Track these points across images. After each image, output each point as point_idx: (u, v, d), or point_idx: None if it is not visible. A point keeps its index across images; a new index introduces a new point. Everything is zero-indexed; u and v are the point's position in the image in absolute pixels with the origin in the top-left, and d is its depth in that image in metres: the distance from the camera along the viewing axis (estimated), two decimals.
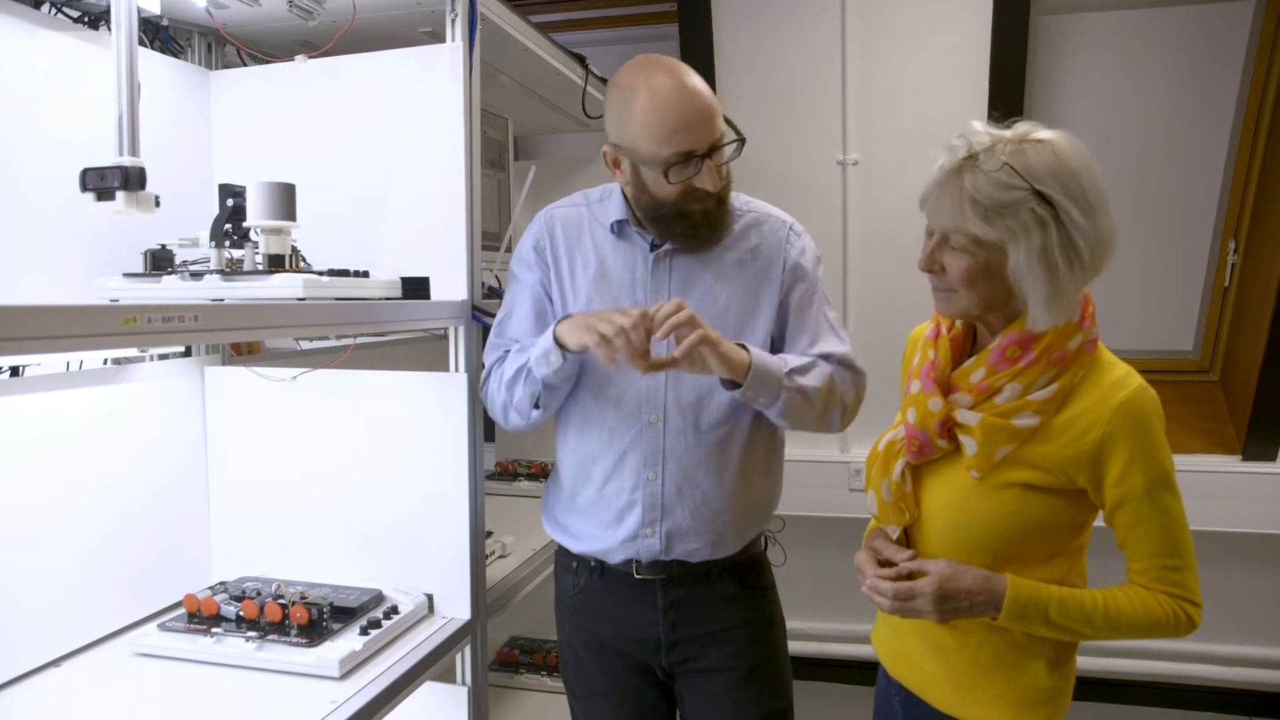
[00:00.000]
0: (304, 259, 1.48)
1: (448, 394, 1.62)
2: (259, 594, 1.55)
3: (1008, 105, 2.62)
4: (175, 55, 1.76)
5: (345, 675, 1.39)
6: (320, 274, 1.43)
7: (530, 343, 1.48)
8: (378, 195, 1.71)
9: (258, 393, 1.73)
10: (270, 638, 1.44)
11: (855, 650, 3.02)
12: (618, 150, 1.42)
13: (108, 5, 1.23)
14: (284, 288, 1.32)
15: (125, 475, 1.61)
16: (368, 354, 2.07)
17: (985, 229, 1.14)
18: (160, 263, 1.44)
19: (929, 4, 2.72)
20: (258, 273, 1.38)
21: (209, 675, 1.41)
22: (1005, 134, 1.17)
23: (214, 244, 1.41)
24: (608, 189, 1.55)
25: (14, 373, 1.46)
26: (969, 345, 1.31)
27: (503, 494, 2.63)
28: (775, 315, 1.50)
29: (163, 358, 1.76)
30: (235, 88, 1.79)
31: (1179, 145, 2.76)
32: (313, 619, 1.46)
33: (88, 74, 1.47)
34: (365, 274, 1.51)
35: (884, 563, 1.28)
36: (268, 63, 1.78)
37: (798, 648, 1.73)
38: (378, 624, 1.49)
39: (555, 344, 1.38)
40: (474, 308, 1.66)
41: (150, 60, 1.68)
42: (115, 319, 0.92)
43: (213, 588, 1.62)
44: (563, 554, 1.62)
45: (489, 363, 1.56)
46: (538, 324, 1.52)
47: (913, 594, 1.21)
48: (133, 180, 1.16)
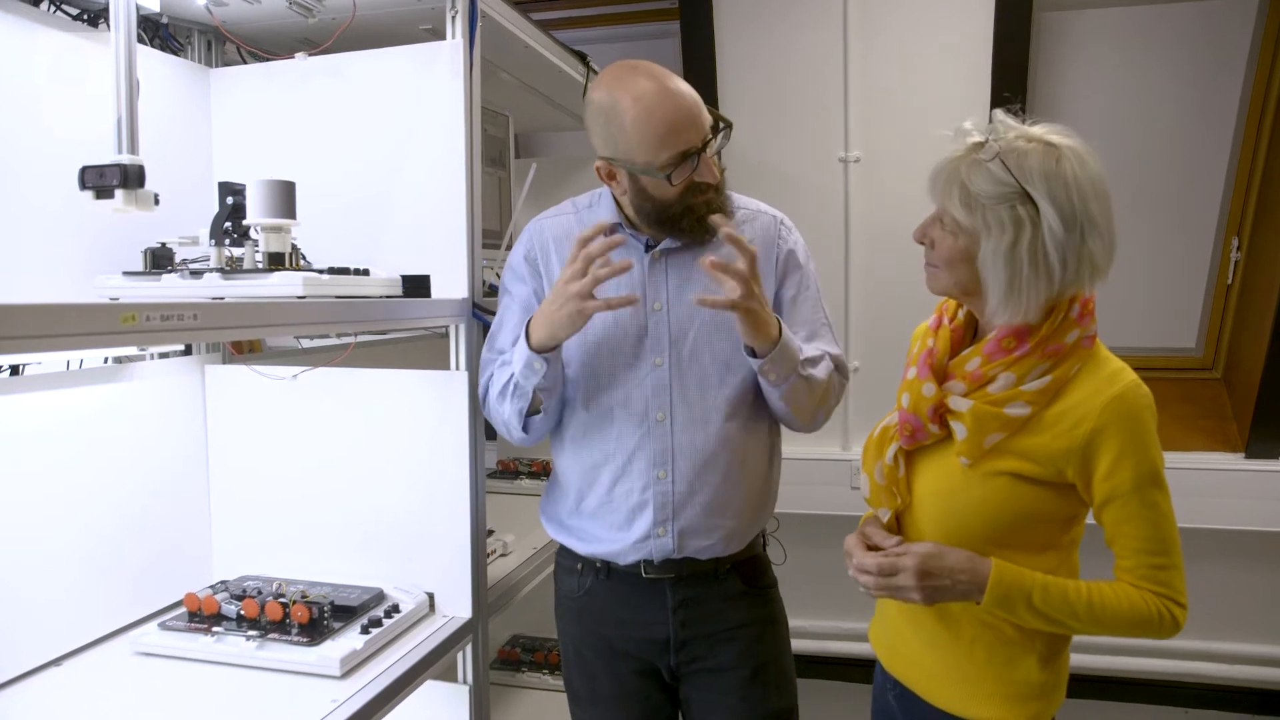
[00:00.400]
0: (304, 257, 1.48)
1: (448, 392, 1.62)
2: (260, 593, 1.55)
3: (1009, 102, 2.61)
4: (175, 53, 1.76)
5: (346, 674, 1.38)
6: (320, 272, 1.42)
7: (509, 355, 1.47)
8: (378, 193, 1.70)
9: (258, 391, 1.73)
10: (271, 637, 1.43)
11: (857, 648, 3.01)
12: (612, 164, 1.41)
13: (107, 3, 1.23)
14: (284, 286, 1.32)
15: (126, 474, 1.60)
16: (368, 352, 2.06)
17: (965, 215, 1.18)
18: (160, 261, 1.43)
19: (931, 1, 2.72)
20: (258, 271, 1.38)
21: (210, 674, 1.40)
22: (1025, 129, 1.19)
23: (214, 242, 1.41)
24: (595, 194, 1.54)
25: (14, 371, 1.46)
26: (969, 337, 1.32)
27: (504, 492, 2.62)
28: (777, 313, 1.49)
29: (163, 356, 1.76)
30: (235, 85, 1.79)
31: (1182, 142, 2.75)
32: (314, 618, 1.46)
33: (87, 72, 1.47)
34: (365, 272, 1.51)
35: (873, 548, 1.29)
36: (268, 60, 1.78)
37: (799, 646, 1.73)
38: (379, 623, 1.49)
39: (532, 351, 1.37)
40: (474, 305, 1.65)
41: (150, 58, 1.67)
42: (114, 317, 0.91)
43: (213, 587, 1.61)
44: (565, 555, 1.60)
45: (483, 380, 1.55)
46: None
47: (895, 569, 1.21)
48: (132, 178, 1.16)
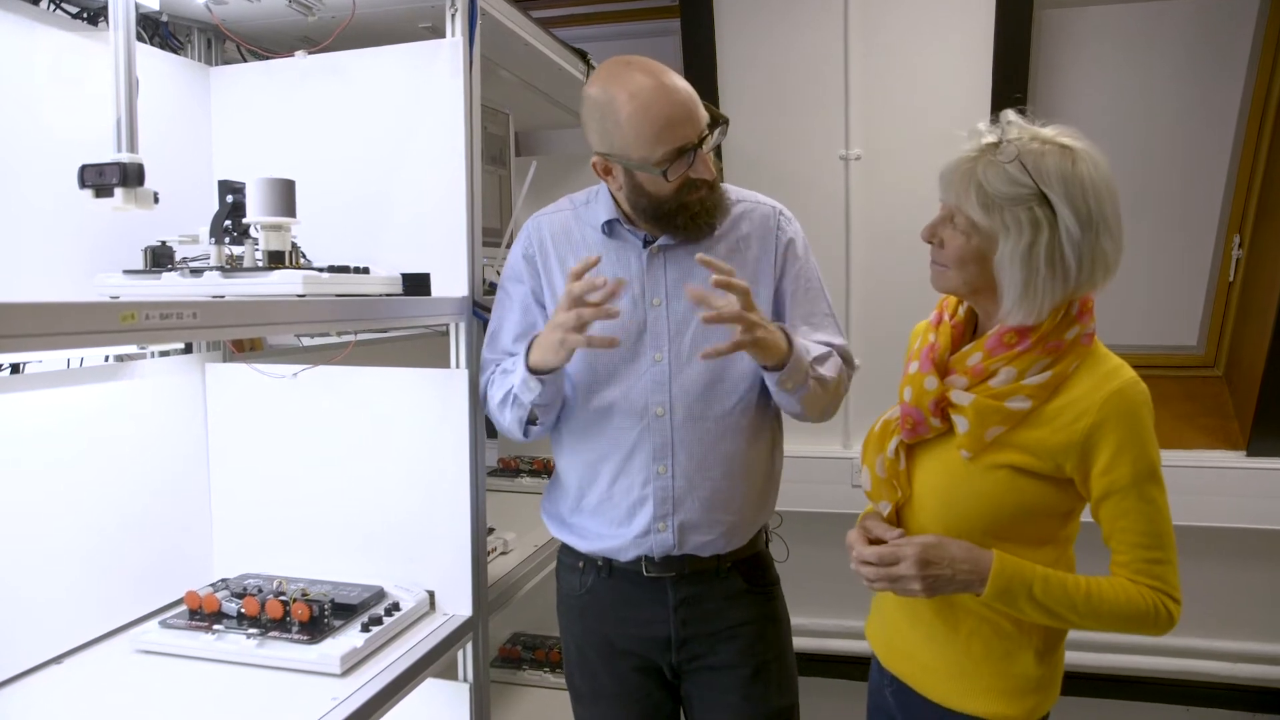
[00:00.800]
0: (304, 255, 1.48)
1: (449, 390, 1.62)
2: (260, 591, 1.55)
3: (1011, 100, 2.60)
4: (175, 51, 1.76)
5: (346, 672, 1.38)
6: (320, 270, 1.43)
7: (509, 364, 1.48)
8: (378, 191, 1.70)
9: (259, 389, 1.73)
10: (271, 635, 1.44)
11: (858, 646, 3.00)
12: (608, 159, 1.41)
13: (106, 1, 1.23)
14: (284, 284, 1.32)
15: (126, 472, 1.60)
16: (369, 350, 2.06)
17: (982, 216, 1.18)
18: (160, 259, 1.44)
19: None
20: (257, 269, 1.38)
21: (210, 672, 1.41)
22: (1039, 131, 1.20)
23: (214, 240, 1.41)
24: (593, 191, 1.54)
25: (14, 370, 1.46)
26: (969, 334, 1.33)
27: (505, 490, 2.63)
28: (772, 302, 1.50)
29: (163, 354, 1.76)
30: (235, 84, 1.79)
31: (1183, 139, 2.74)
32: (314, 616, 1.46)
33: (87, 70, 1.47)
34: (365, 270, 1.51)
35: (874, 541, 1.29)
36: (268, 58, 1.78)
37: (801, 644, 1.72)
38: (379, 621, 1.49)
39: (530, 372, 1.38)
40: (475, 304, 1.65)
41: (150, 56, 1.67)
42: (113, 316, 0.91)
43: (214, 585, 1.61)
44: (567, 553, 1.60)
45: (484, 380, 1.55)
46: (527, 335, 1.50)
47: (896, 559, 1.21)
48: (131, 176, 1.16)
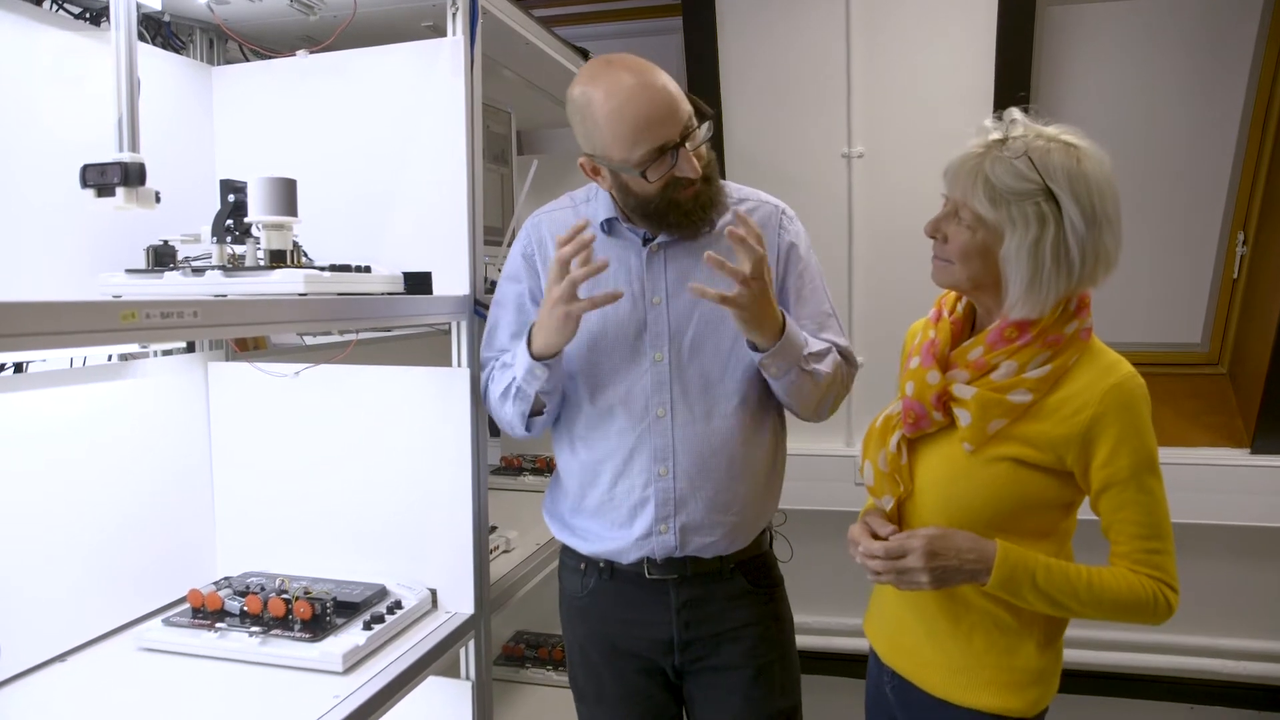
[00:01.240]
0: (306, 254, 1.48)
1: (450, 389, 1.62)
2: (263, 589, 1.55)
3: (1014, 97, 2.60)
4: (177, 51, 1.76)
5: (349, 670, 1.39)
6: (322, 269, 1.43)
7: (509, 357, 1.47)
8: (380, 190, 1.71)
9: (261, 388, 1.73)
10: (274, 633, 1.44)
11: (861, 644, 3.00)
12: (593, 160, 1.40)
13: (108, 1, 1.23)
14: (285, 283, 1.32)
15: (129, 471, 1.61)
16: (372, 349, 2.06)
17: (989, 210, 1.19)
18: (162, 258, 1.44)
19: None
20: (259, 268, 1.38)
21: (213, 670, 1.41)
22: (1041, 128, 1.22)
23: (215, 240, 1.41)
24: (593, 189, 1.53)
25: (17, 369, 1.46)
26: (968, 330, 1.34)
27: (507, 489, 2.63)
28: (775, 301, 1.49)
29: (166, 353, 1.76)
30: (237, 83, 1.79)
31: (1187, 136, 2.73)
32: (316, 614, 1.46)
33: (89, 70, 1.47)
34: (367, 269, 1.52)
35: (877, 537, 1.30)
36: (269, 58, 1.78)
37: (804, 642, 1.72)
38: (381, 619, 1.49)
39: (533, 359, 1.37)
40: (476, 302, 1.65)
41: (152, 56, 1.68)
42: (114, 315, 0.91)
43: (217, 583, 1.62)
44: (569, 555, 1.59)
45: (484, 376, 1.55)
46: (519, 338, 1.48)
47: (904, 550, 1.22)
48: (132, 176, 1.16)
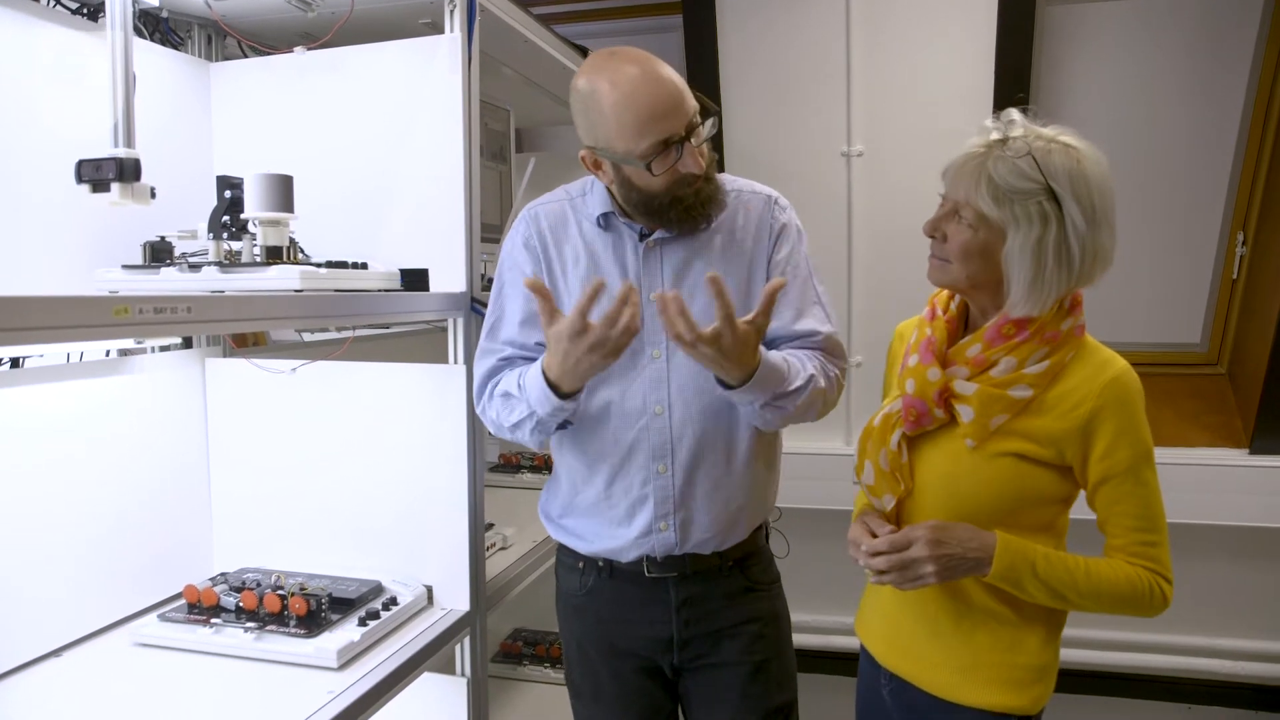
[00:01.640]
0: (302, 250, 1.48)
1: (447, 386, 1.62)
2: (259, 585, 1.56)
3: (1015, 97, 2.60)
4: (175, 47, 1.76)
5: (343, 666, 1.39)
6: (318, 266, 1.43)
7: (514, 389, 1.41)
8: (378, 187, 1.71)
9: (258, 384, 1.74)
10: (269, 628, 1.45)
11: (858, 643, 3.01)
12: (595, 152, 1.39)
13: None
14: (281, 280, 1.33)
15: (126, 467, 1.61)
16: (369, 345, 2.07)
17: (993, 208, 1.20)
18: (159, 254, 1.44)
19: None
20: (255, 264, 1.38)
21: (208, 665, 1.41)
22: (1040, 129, 1.23)
23: (212, 236, 1.41)
24: (588, 182, 1.51)
25: (14, 364, 1.47)
26: (962, 328, 1.35)
27: (505, 486, 2.63)
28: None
29: (164, 349, 1.77)
30: (235, 79, 1.79)
31: (1186, 136, 2.73)
32: (311, 610, 1.47)
33: (87, 66, 1.47)
34: (364, 266, 1.52)
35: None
36: (267, 54, 1.78)
37: (801, 640, 1.72)
38: (376, 615, 1.50)
39: (559, 398, 1.32)
40: (473, 299, 1.65)
41: (150, 52, 1.68)
42: (107, 310, 0.92)
43: (213, 579, 1.62)
44: (566, 553, 1.58)
45: (482, 372, 1.49)
46: (528, 324, 1.46)
47: (908, 541, 1.23)
48: (127, 172, 1.17)
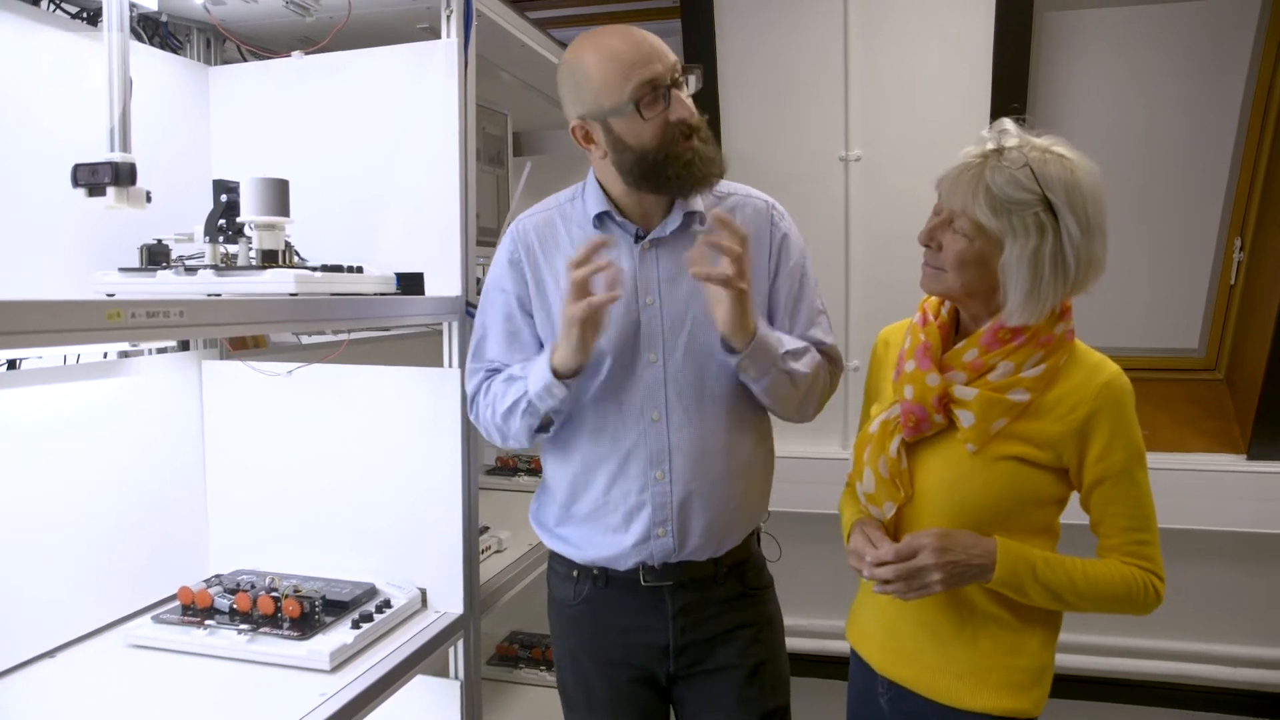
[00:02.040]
0: (298, 254, 1.49)
1: (442, 389, 1.63)
2: (253, 587, 1.56)
3: (1011, 102, 2.61)
4: (175, 51, 1.77)
5: (336, 668, 1.39)
6: (314, 269, 1.44)
7: (517, 370, 1.44)
8: (375, 191, 1.72)
9: (254, 387, 1.74)
10: (262, 630, 1.45)
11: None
12: (585, 121, 1.39)
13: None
14: (276, 283, 1.33)
15: (123, 468, 1.62)
16: (365, 349, 2.07)
17: (990, 219, 1.21)
18: (156, 257, 1.45)
19: (931, 0, 2.71)
20: (251, 268, 1.39)
21: (201, 667, 1.42)
22: (1034, 139, 1.25)
23: (208, 239, 1.42)
24: (577, 188, 1.52)
25: (11, 365, 1.47)
26: (953, 334, 1.36)
27: (502, 489, 2.64)
28: (767, 298, 1.49)
29: (161, 351, 1.77)
30: (233, 83, 1.80)
31: (1184, 142, 2.73)
32: (304, 612, 1.47)
33: (86, 70, 1.48)
34: (359, 269, 1.52)
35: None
36: (266, 58, 1.79)
37: (793, 644, 1.73)
38: (369, 617, 1.50)
39: (555, 377, 1.35)
40: (468, 304, 1.66)
41: (150, 56, 1.69)
42: (99, 314, 0.92)
43: (208, 580, 1.63)
44: (560, 562, 1.56)
45: (472, 388, 1.51)
46: (511, 343, 1.49)
47: (914, 550, 1.23)
48: (123, 176, 1.18)
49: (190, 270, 1.38)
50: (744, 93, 2.91)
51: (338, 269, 1.48)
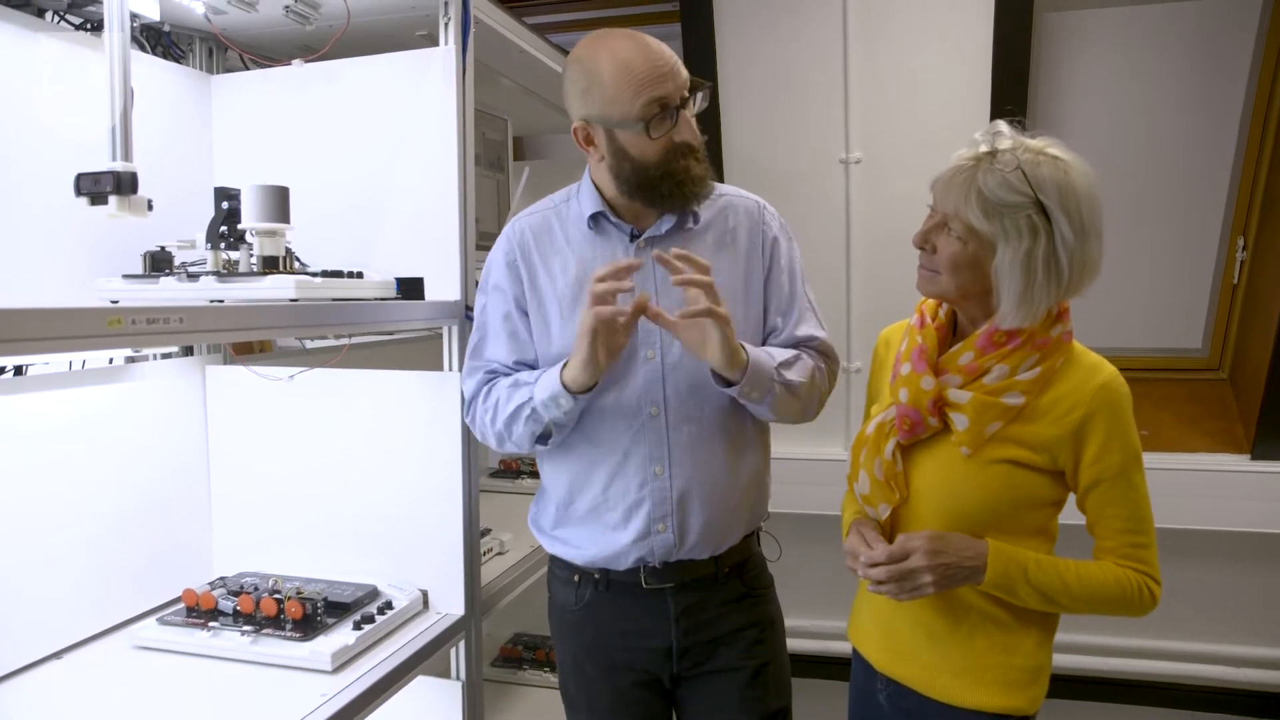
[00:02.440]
0: (299, 260, 1.50)
1: (442, 393, 1.64)
2: (256, 589, 1.58)
3: (1011, 103, 2.61)
4: (177, 60, 1.80)
5: (338, 669, 1.41)
6: (314, 275, 1.45)
7: (525, 376, 1.43)
8: (375, 197, 1.73)
9: (257, 391, 1.76)
10: (265, 632, 1.47)
11: (851, 647, 3.02)
12: (589, 124, 1.40)
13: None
14: (276, 289, 1.35)
15: (127, 472, 1.64)
16: (367, 353, 2.09)
17: (982, 222, 1.21)
18: (159, 264, 1.47)
19: (931, 1, 2.71)
20: (252, 274, 1.41)
21: (205, 668, 1.44)
22: (1028, 141, 1.24)
23: (209, 246, 1.44)
24: (572, 189, 1.53)
25: (17, 371, 1.49)
26: (950, 336, 1.36)
27: (505, 491, 2.65)
28: (761, 296, 1.49)
29: (165, 356, 1.79)
30: (235, 91, 1.83)
31: (1186, 142, 2.73)
32: (307, 614, 1.49)
33: (91, 79, 1.50)
34: (359, 275, 1.54)
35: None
36: (267, 67, 1.81)
37: (794, 645, 1.73)
38: (371, 619, 1.52)
39: (565, 390, 1.34)
40: (467, 308, 1.67)
41: (152, 65, 1.71)
42: (100, 321, 0.94)
43: (212, 583, 1.65)
44: (560, 566, 1.56)
45: (470, 389, 1.51)
46: (511, 343, 1.49)
47: (906, 552, 1.24)
48: (124, 185, 1.19)
49: (192, 276, 1.40)
50: (744, 96, 2.92)
51: (338, 274, 1.49)
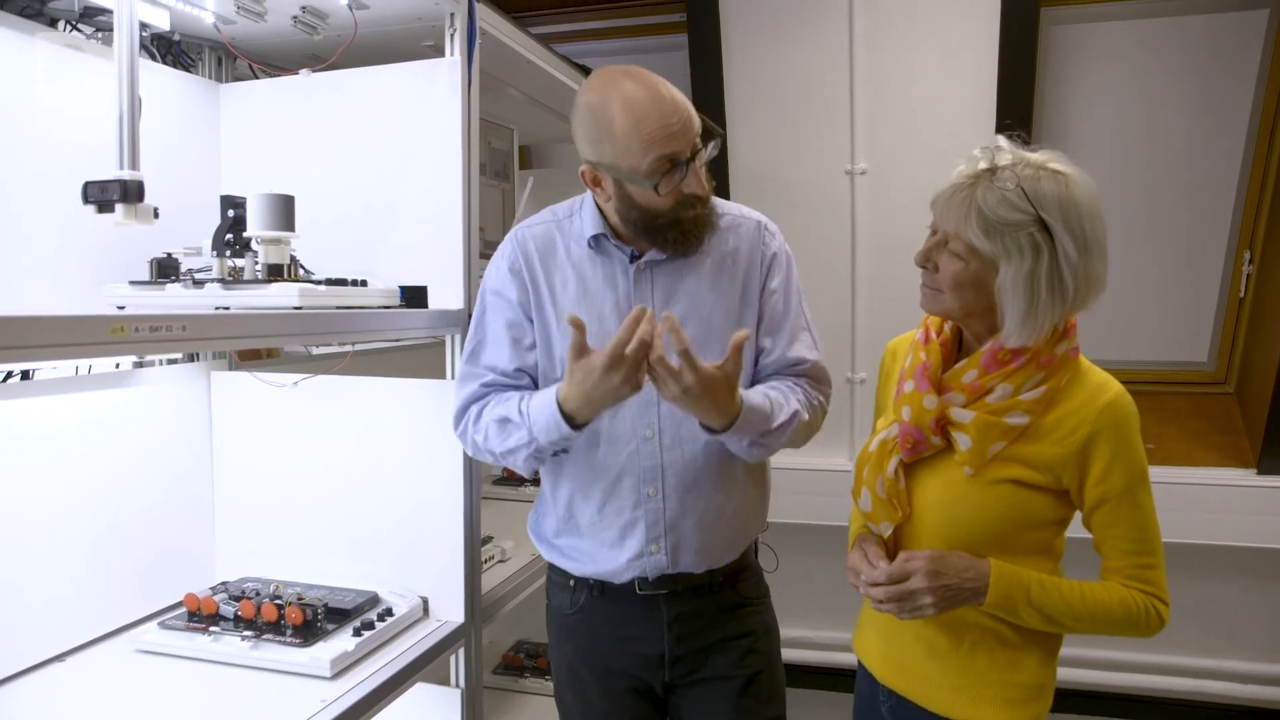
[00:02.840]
0: (303, 268, 1.52)
1: (445, 400, 1.64)
2: (257, 594, 1.59)
3: (1017, 115, 2.61)
4: (187, 69, 1.82)
5: (337, 675, 1.42)
6: (318, 283, 1.46)
7: (516, 415, 1.40)
8: (380, 205, 1.75)
9: (262, 397, 1.77)
10: (266, 637, 1.47)
11: (848, 659, 3.00)
12: (597, 169, 1.38)
13: None
14: (280, 297, 1.36)
15: (131, 476, 1.65)
16: (370, 360, 2.10)
17: (983, 241, 1.19)
18: (165, 271, 1.48)
19: (937, 14, 2.73)
20: (257, 281, 1.42)
21: (206, 673, 1.44)
22: (1028, 156, 1.22)
23: (215, 253, 1.45)
24: (575, 203, 1.51)
25: (24, 376, 1.51)
26: (955, 351, 1.35)
27: (508, 499, 2.65)
28: (757, 313, 1.49)
29: (170, 362, 1.81)
30: (243, 100, 1.84)
31: (1193, 156, 2.73)
32: (307, 619, 1.49)
33: (102, 87, 1.52)
34: (363, 283, 1.55)
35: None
36: (276, 76, 1.83)
37: (794, 655, 1.73)
38: (371, 625, 1.52)
39: (572, 429, 1.32)
40: (469, 316, 1.68)
41: (162, 74, 1.73)
42: (103, 329, 0.95)
43: (214, 588, 1.66)
44: (558, 572, 1.57)
45: (462, 399, 1.48)
46: (514, 351, 1.47)
47: (907, 573, 1.24)
48: (131, 193, 1.20)
49: (198, 283, 1.42)
50: (750, 107, 2.93)
51: (342, 282, 1.51)
